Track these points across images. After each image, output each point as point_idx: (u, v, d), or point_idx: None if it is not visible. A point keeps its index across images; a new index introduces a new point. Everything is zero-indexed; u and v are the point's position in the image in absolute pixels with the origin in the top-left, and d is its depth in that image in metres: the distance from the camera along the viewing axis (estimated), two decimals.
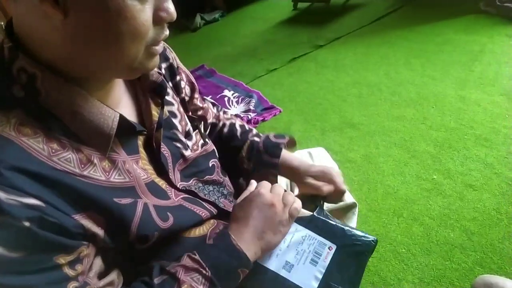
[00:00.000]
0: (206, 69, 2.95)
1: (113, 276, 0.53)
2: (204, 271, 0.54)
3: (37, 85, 0.46)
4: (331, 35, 2.92)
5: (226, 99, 2.46)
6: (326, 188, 0.75)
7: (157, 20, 0.47)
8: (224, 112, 0.90)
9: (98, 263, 0.51)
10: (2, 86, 0.46)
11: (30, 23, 0.45)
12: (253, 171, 0.80)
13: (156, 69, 0.62)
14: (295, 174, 0.79)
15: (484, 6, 2.49)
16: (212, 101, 2.44)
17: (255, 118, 2.18)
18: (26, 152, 0.43)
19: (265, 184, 0.66)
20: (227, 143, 0.83)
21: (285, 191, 0.67)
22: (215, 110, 0.88)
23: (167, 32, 0.50)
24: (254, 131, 0.85)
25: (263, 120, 2.17)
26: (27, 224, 0.41)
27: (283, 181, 0.90)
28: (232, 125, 0.85)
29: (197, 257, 0.55)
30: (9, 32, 0.48)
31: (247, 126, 0.87)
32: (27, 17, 0.45)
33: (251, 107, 2.29)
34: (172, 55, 0.70)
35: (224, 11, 4.26)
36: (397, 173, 1.58)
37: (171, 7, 0.48)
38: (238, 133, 0.84)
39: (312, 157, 0.97)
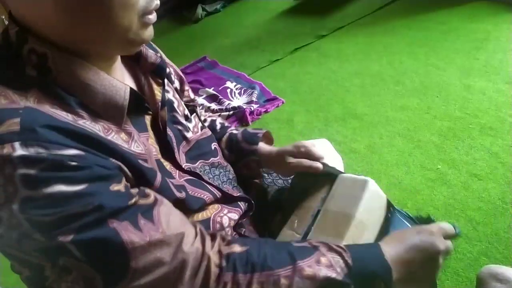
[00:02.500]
0: (208, 60, 2.93)
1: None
2: (346, 257, 0.52)
3: (48, 64, 0.47)
4: (333, 25, 2.88)
5: (228, 90, 2.45)
6: (308, 162, 0.76)
7: None
8: (206, 111, 0.93)
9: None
10: (16, 68, 0.47)
11: (27, 6, 0.46)
12: (236, 162, 0.81)
13: (153, 52, 0.64)
14: (274, 160, 0.80)
15: None
16: (214, 92, 2.43)
17: (257, 110, 2.17)
18: (53, 117, 0.44)
19: (439, 229, 0.59)
20: None
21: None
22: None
23: (157, 1, 0.51)
24: (233, 127, 0.89)
25: (265, 112, 2.16)
26: (72, 163, 0.42)
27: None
28: (213, 121, 0.88)
29: (343, 246, 0.54)
30: (14, 20, 0.49)
31: (226, 123, 0.89)
32: (22, 1, 0.46)
33: (254, 99, 2.27)
34: (159, 49, 0.72)
35: (225, 1, 4.21)
36: (401, 164, 1.57)
37: None
38: (218, 128, 0.87)
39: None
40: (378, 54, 2.36)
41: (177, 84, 0.75)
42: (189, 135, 0.67)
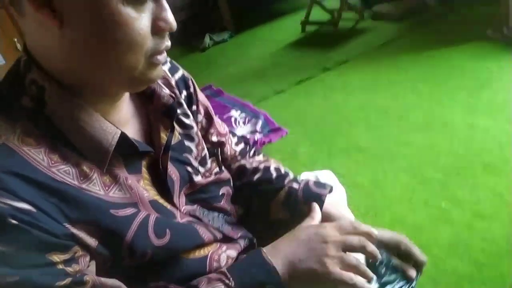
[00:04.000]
0: (213, 89, 2.98)
1: (114, 280, 0.50)
2: (226, 281, 0.52)
3: (44, 97, 0.47)
4: (339, 58, 2.94)
5: (233, 119, 2.47)
6: (411, 271, 0.67)
7: (156, 30, 0.48)
8: (258, 154, 0.83)
9: (94, 264, 0.49)
10: (13, 96, 0.48)
11: (35, 37, 0.47)
12: (290, 221, 0.70)
13: (168, 92, 0.62)
14: None
15: (492, 33, 2.50)
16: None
17: (261, 139, 2.18)
18: (26, 161, 0.44)
19: (342, 223, 0.60)
20: (260, 187, 0.76)
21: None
22: (251, 153, 0.83)
23: (168, 42, 0.50)
24: (291, 175, 0.77)
25: (269, 142, 2.17)
26: (13, 221, 0.41)
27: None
28: (267, 169, 0.77)
29: (223, 269, 0.55)
30: (26, 48, 0.50)
31: (282, 170, 0.78)
32: (33, 31, 0.47)
33: (258, 128, 2.29)
34: (193, 86, 0.71)
35: (233, 32, 4.32)
36: (404, 199, 1.56)
37: (170, 17, 0.48)
38: (274, 177, 0.75)
39: (319, 180, 0.96)
40: (382, 89, 2.39)
41: (204, 123, 0.72)
42: (197, 178, 0.64)
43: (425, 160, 1.73)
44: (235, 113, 2.54)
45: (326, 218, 0.70)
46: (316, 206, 0.68)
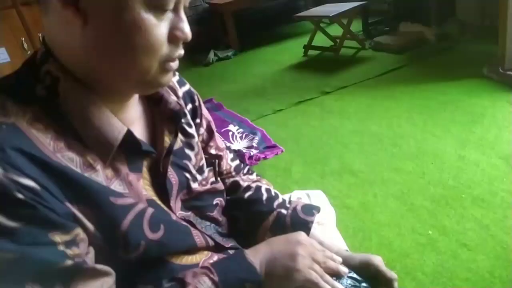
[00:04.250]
0: (214, 103, 3.02)
1: (108, 268, 0.51)
2: (211, 275, 0.54)
3: (58, 88, 0.50)
4: (338, 84, 3.00)
5: (230, 133, 2.50)
6: None
7: (172, 39, 0.51)
8: (251, 173, 0.86)
9: (93, 251, 0.50)
10: (27, 84, 0.50)
11: (57, 32, 0.50)
12: None
13: (175, 99, 0.64)
14: None
15: (488, 72, 2.58)
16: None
17: (256, 155, 2.20)
18: (33, 142, 0.46)
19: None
20: (250, 206, 0.78)
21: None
22: (245, 170, 0.85)
23: (182, 51, 0.53)
24: (280, 198, 0.80)
25: (264, 158, 2.20)
26: (19, 195, 0.42)
27: None
28: (258, 189, 0.80)
29: (207, 264, 0.57)
30: (44, 41, 0.52)
31: (273, 191, 0.81)
32: (55, 27, 0.50)
33: (254, 144, 2.32)
34: (198, 101, 0.74)
35: (237, 50, 4.41)
36: (392, 225, 1.58)
37: (186, 27, 0.52)
38: (264, 198, 0.78)
39: (310, 199, 0.97)
40: (378, 116, 2.45)
41: (205, 136, 0.75)
42: (194, 185, 0.66)
43: (415, 188, 1.76)
44: (233, 128, 2.57)
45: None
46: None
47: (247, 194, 0.78)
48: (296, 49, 4.04)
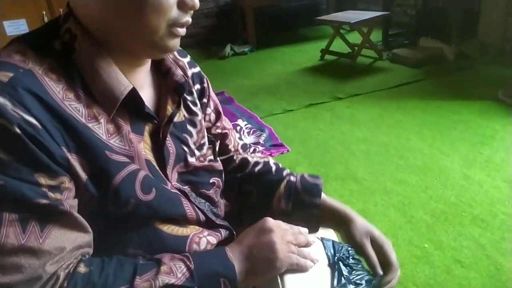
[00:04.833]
0: (225, 95, 3.04)
1: (87, 225, 0.52)
2: (188, 262, 0.55)
3: (75, 44, 0.55)
4: (351, 91, 3.01)
5: (238, 128, 2.52)
6: (375, 262, 0.70)
7: (181, 4, 0.54)
8: (255, 152, 0.88)
9: (76, 202, 0.52)
10: (48, 38, 0.55)
11: None
12: (293, 212, 0.76)
13: (181, 73, 0.67)
14: (343, 220, 0.74)
15: (502, 95, 2.57)
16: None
17: (262, 152, 2.22)
18: (45, 88, 0.50)
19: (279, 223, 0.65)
20: (261, 178, 0.80)
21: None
22: (251, 150, 0.88)
23: (189, 19, 0.57)
24: (288, 171, 0.82)
25: (270, 155, 2.21)
26: (18, 130, 0.45)
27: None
28: (266, 163, 0.82)
29: (186, 253, 0.58)
30: (68, 4, 0.57)
31: (280, 165, 0.83)
32: None
33: (261, 141, 2.34)
34: (207, 83, 0.77)
35: (254, 46, 4.42)
36: (390, 235, 1.58)
37: None
38: (273, 170, 0.80)
39: None
40: (388, 127, 2.45)
41: (212, 117, 0.78)
42: (191, 160, 0.67)
43: (417, 201, 1.77)
44: (241, 123, 2.59)
45: (330, 210, 0.76)
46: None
47: (257, 168, 0.81)
48: (313, 52, 4.04)
